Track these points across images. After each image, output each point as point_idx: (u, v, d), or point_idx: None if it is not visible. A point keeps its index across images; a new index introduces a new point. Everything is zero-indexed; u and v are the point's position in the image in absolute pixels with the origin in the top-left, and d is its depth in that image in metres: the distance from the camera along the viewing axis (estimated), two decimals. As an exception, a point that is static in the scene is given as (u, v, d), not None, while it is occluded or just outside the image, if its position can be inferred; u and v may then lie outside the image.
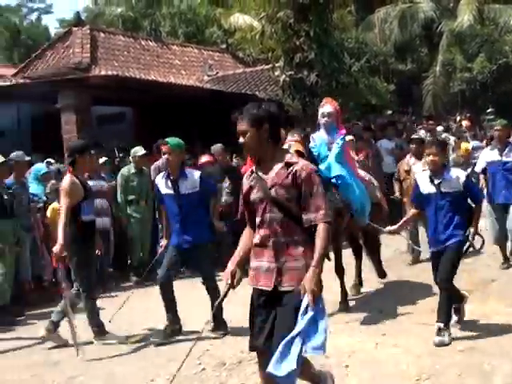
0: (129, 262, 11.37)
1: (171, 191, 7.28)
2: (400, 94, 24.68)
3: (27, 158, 10.06)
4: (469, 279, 8.49)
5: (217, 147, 11.30)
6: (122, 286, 10.54)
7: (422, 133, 14.75)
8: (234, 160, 12.49)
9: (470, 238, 6.74)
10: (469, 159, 13.87)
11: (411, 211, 7.14)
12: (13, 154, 9.61)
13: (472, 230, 6.67)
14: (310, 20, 14.70)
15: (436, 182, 6.58)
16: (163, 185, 7.37)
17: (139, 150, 10.94)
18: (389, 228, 7.11)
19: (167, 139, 7.36)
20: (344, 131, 8.26)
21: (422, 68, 27.82)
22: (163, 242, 7.62)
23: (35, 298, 9.65)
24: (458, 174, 6.64)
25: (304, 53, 14.62)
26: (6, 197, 8.82)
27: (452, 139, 15.30)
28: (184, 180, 7.25)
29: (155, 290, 7.56)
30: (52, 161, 11.88)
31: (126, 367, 6.39)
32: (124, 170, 10.95)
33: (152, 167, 11.06)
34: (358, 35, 19.48)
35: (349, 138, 12.63)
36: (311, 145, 8.12)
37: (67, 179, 7.13)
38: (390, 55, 24.19)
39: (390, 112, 17.32)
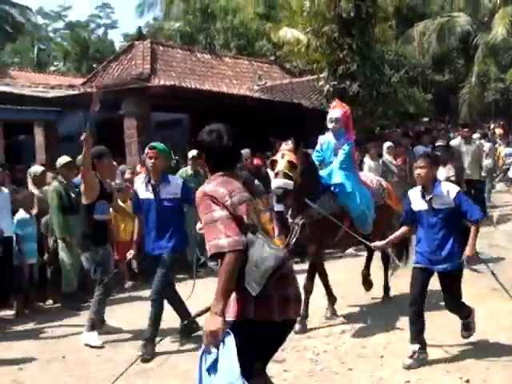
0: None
1: (151, 195, 6.74)
2: (437, 103, 24.42)
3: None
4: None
5: (246, 152, 10.97)
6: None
7: (458, 140, 14.52)
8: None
9: (465, 263, 5.80)
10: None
11: (402, 228, 6.18)
12: (79, 157, 9.77)
13: (467, 253, 5.72)
14: (353, 34, 14.59)
15: (427, 197, 5.81)
16: (143, 189, 6.85)
17: (195, 153, 10.98)
18: (375, 243, 6.39)
19: (154, 144, 6.93)
20: (352, 137, 7.77)
21: (459, 79, 27.46)
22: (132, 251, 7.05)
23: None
24: (449, 189, 5.81)
25: (347, 64, 14.52)
26: (73, 195, 8.98)
27: (487, 146, 15.03)
28: (166, 185, 6.74)
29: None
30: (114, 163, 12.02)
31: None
32: (181, 172, 11.01)
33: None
34: (398, 48, 19.30)
35: (388, 144, 12.54)
36: (317, 147, 7.83)
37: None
38: (427, 67, 23.94)
39: (426, 119, 17.11)
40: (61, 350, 6.88)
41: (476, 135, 15.95)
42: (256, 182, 10.34)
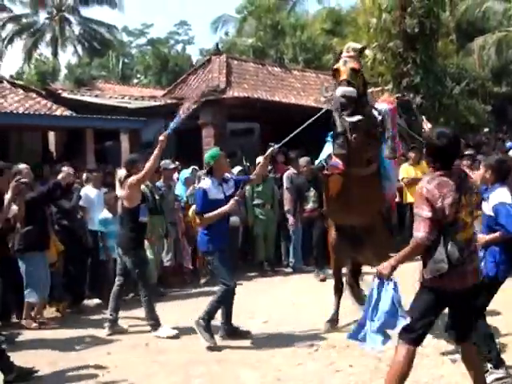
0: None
1: (221, 195, 6.69)
2: (496, 114, 23.82)
3: (173, 166, 10.40)
4: None
5: (303, 159, 10.77)
6: (248, 275, 10.71)
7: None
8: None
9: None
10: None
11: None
12: (162, 162, 9.97)
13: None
14: (417, 48, 14.44)
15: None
16: (214, 191, 6.69)
17: (261, 159, 11.01)
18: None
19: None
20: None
21: (517, 90, 26.76)
22: None
23: (175, 280, 10.03)
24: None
25: (411, 77, 14.37)
26: (157, 196, 9.20)
27: None
28: (225, 183, 6.80)
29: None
30: (197, 168, 12.18)
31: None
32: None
33: (285, 175, 11.10)
34: (459, 61, 18.91)
35: None
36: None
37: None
38: (487, 79, 23.41)
39: (486, 129, 16.76)
40: (143, 337, 7.04)
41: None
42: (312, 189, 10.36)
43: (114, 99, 16.53)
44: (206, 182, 6.77)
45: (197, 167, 12.29)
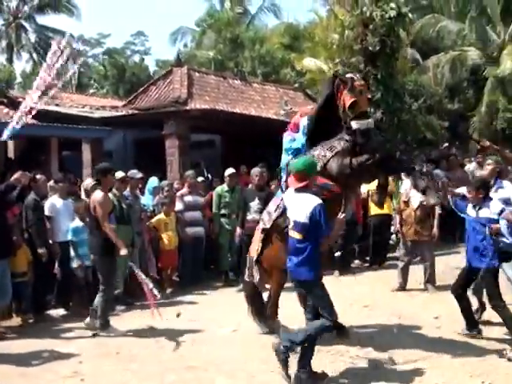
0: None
1: None
2: (449, 130, 24.50)
3: (140, 175, 10.43)
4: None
5: (255, 170, 10.64)
6: (215, 285, 10.80)
7: (473, 165, 14.62)
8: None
9: None
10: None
11: None
12: (129, 172, 10.03)
13: None
14: (377, 65, 14.77)
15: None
16: None
17: (231, 171, 11.17)
18: None
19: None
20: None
21: (469, 108, 27.58)
22: None
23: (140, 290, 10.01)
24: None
25: (371, 93, 14.68)
26: (124, 206, 9.22)
27: None
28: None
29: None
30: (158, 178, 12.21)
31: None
32: (218, 188, 11.17)
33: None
34: (417, 78, 19.44)
35: None
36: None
37: (99, 194, 7.53)
38: (444, 96, 24.16)
39: (446, 144, 17.24)
40: (113, 346, 7.06)
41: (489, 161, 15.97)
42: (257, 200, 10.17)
43: (75, 108, 16.46)
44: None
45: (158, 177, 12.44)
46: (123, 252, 7.51)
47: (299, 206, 5.62)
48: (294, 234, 5.64)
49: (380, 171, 6.61)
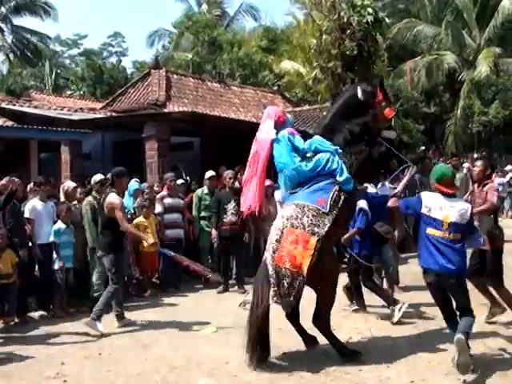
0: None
1: None
2: (425, 133, 24.87)
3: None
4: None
5: (228, 172, 10.95)
6: (195, 287, 10.91)
7: (447, 168, 14.89)
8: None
9: None
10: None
11: None
12: (109, 174, 10.06)
13: None
14: (355, 69, 15.03)
15: None
16: None
17: (211, 173, 11.30)
18: None
19: None
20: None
21: (445, 111, 28.01)
22: None
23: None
24: None
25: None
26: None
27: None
28: None
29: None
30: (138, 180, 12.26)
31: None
32: (198, 191, 11.30)
33: None
34: (393, 82, 19.75)
35: None
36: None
37: (115, 196, 7.89)
38: (420, 100, 24.53)
39: (422, 148, 17.55)
40: (95, 348, 7.14)
41: (466, 164, 16.33)
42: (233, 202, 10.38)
43: (53, 110, 16.46)
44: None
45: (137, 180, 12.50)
46: (151, 240, 8.35)
47: (456, 209, 5.93)
48: (449, 235, 5.89)
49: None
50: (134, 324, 8.17)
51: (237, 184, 10.47)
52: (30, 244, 8.75)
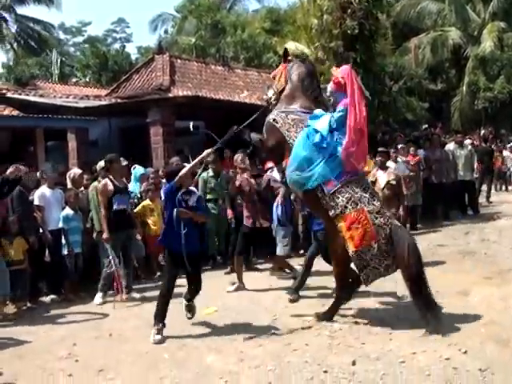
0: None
1: None
2: (431, 110, 24.85)
3: (125, 163, 10.64)
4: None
5: (240, 155, 10.41)
6: (202, 268, 11.03)
7: (452, 144, 14.96)
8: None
9: None
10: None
11: None
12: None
13: None
14: (356, 49, 15.03)
15: None
16: None
17: (214, 157, 11.36)
18: None
19: None
20: (345, 101, 6.50)
21: (450, 88, 27.93)
22: None
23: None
24: None
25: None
26: (110, 194, 9.47)
27: None
28: None
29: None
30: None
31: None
32: (203, 174, 11.43)
33: None
34: (397, 60, 19.72)
35: (401, 145, 12.91)
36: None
37: (104, 181, 8.65)
38: (424, 78, 24.47)
39: (425, 126, 17.56)
40: (105, 329, 7.34)
41: (468, 141, 16.39)
42: None
43: (59, 99, 16.61)
44: None
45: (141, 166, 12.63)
46: (104, 235, 8.52)
47: None
48: None
49: None
50: (143, 305, 8.38)
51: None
52: (41, 230, 8.97)
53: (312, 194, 6.70)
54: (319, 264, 8.47)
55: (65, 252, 8.99)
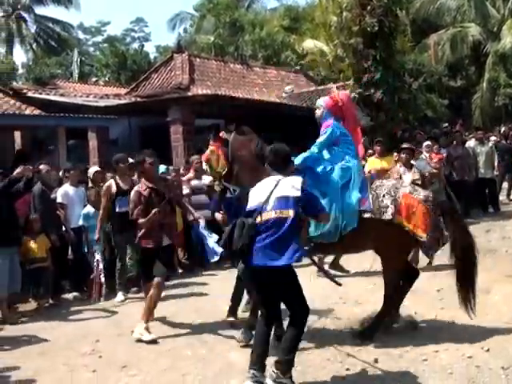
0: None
1: None
2: (451, 107, 24.68)
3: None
4: None
5: None
6: (224, 266, 11.11)
7: (472, 141, 14.83)
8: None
9: None
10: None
11: None
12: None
13: None
14: (376, 46, 14.98)
15: None
16: None
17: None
18: None
19: None
20: (329, 123, 6.24)
21: (470, 85, 27.70)
22: None
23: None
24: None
25: (371, 74, 14.92)
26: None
27: None
28: None
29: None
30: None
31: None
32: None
33: None
34: (416, 57, 19.61)
35: (427, 142, 12.79)
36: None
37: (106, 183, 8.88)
38: (443, 74, 24.29)
39: (446, 124, 17.44)
40: (127, 326, 7.34)
41: (493, 138, 16.24)
42: None
43: (79, 98, 16.73)
44: None
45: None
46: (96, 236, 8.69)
47: None
48: None
49: None
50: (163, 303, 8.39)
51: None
52: (63, 228, 9.06)
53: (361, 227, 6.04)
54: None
55: (85, 250, 9.06)
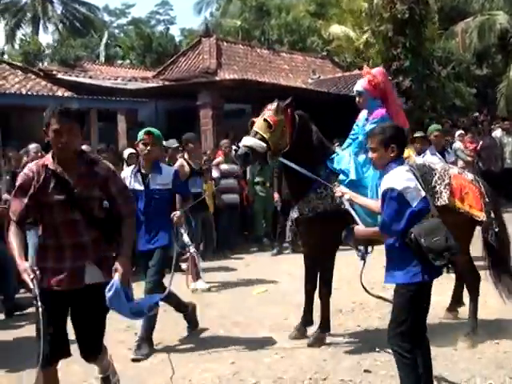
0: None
1: (140, 187, 5.92)
2: (477, 96, 24.52)
3: (176, 145, 10.88)
4: None
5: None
6: (249, 250, 11.34)
7: (499, 131, 14.82)
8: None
9: None
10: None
11: None
12: (166, 142, 10.45)
13: None
14: (406, 33, 15.01)
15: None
16: (131, 180, 5.92)
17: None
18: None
19: (150, 129, 5.98)
20: (383, 111, 5.87)
21: (497, 73, 27.46)
22: None
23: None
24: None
25: (400, 61, 14.96)
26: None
27: None
28: (156, 175, 5.90)
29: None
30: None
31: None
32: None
33: None
34: (446, 45, 19.53)
35: (459, 131, 12.75)
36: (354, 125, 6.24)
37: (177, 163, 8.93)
38: (472, 63, 24.14)
39: (476, 114, 17.41)
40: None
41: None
42: None
43: (107, 80, 16.92)
44: (127, 172, 6.24)
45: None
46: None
47: None
48: None
49: None
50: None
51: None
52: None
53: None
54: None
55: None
